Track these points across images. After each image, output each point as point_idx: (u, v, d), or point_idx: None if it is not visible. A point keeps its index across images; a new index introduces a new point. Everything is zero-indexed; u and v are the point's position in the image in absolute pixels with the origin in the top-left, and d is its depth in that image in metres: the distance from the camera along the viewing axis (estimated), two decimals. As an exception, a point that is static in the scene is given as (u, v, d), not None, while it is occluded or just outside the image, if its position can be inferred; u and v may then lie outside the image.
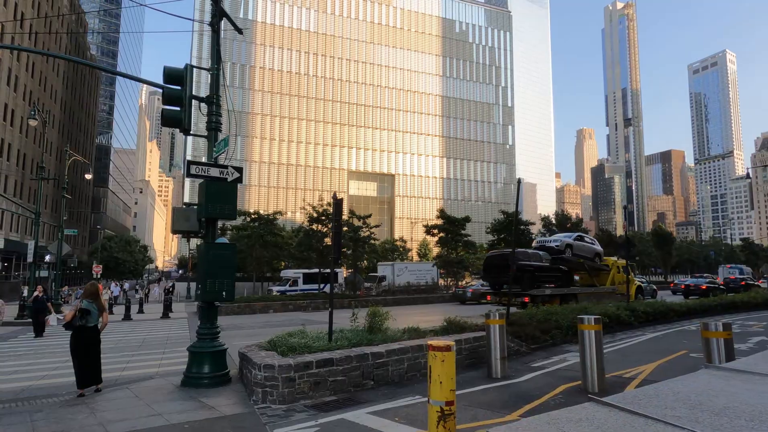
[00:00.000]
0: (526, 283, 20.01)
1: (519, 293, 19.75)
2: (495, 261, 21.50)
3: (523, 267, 19.95)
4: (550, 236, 28.27)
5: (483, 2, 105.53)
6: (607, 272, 25.18)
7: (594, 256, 24.60)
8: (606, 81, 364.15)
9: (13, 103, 53.60)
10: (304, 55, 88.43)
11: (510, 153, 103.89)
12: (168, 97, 8.79)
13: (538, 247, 23.54)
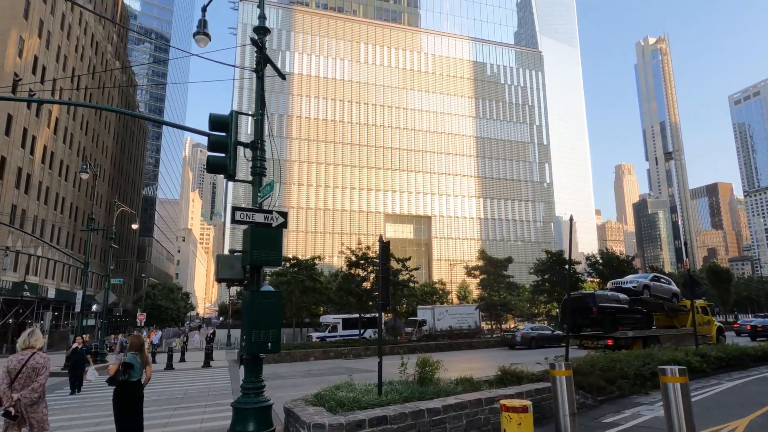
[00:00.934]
0: (608, 326, 19.61)
1: (601, 336, 19.38)
2: (575, 303, 20.98)
3: (604, 309, 19.46)
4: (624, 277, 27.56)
5: (513, 44, 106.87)
6: (686, 313, 24.12)
7: (671, 297, 23.95)
8: (642, 115, 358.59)
9: (68, 159, 56.69)
10: (339, 103, 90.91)
11: (548, 191, 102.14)
12: (213, 143, 8.77)
13: (614, 288, 23.00)
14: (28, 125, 46.11)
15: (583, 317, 19.70)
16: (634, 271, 50.86)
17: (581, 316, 19.97)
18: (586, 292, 24.70)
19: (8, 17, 42.90)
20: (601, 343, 19.27)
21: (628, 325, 20.61)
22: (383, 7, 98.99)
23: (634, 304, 21.64)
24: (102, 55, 69.85)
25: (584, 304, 20.08)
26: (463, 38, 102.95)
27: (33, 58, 47.25)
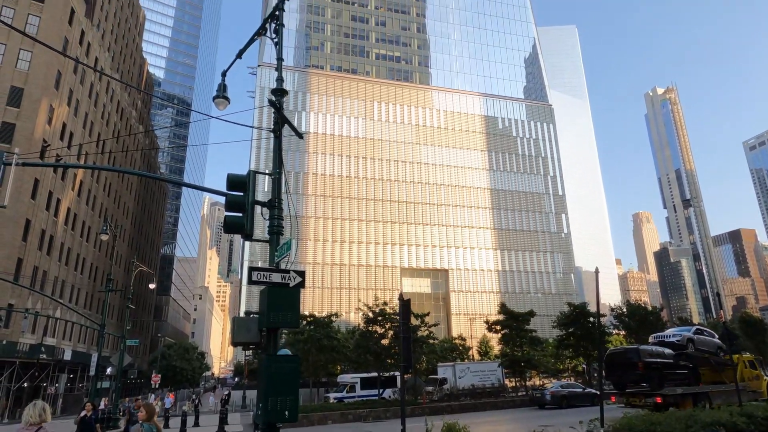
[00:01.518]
0: (655, 382, 18.72)
1: (650, 393, 18.49)
2: (617, 359, 20.34)
3: (650, 364, 18.59)
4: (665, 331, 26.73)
5: (523, 98, 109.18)
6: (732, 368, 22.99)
7: (717, 350, 23.05)
8: (657, 163, 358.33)
9: (90, 220, 57.91)
10: (354, 159, 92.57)
11: (566, 242, 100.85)
12: (231, 203, 8.75)
13: (657, 342, 22.27)
14: (53, 188, 47.49)
15: (628, 373, 18.95)
16: (661, 322, 48.90)
17: (625, 372, 19.24)
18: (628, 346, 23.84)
19: (41, 88, 45.22)
20: (649, 401, 18.36)
21: (675, 381, 19.70)
22: (395, 68, 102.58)
23: (679, 358, 20.79)
24: (126, 120, 72.84)
25: (628, 359, 19.35)
26: (473, 94, 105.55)
27: (61, 125, 49.34)
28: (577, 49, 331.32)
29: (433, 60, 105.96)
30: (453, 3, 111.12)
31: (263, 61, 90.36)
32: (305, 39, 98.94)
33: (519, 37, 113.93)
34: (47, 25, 47.39)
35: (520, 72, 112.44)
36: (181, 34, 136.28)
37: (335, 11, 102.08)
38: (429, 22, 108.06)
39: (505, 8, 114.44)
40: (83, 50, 54.59)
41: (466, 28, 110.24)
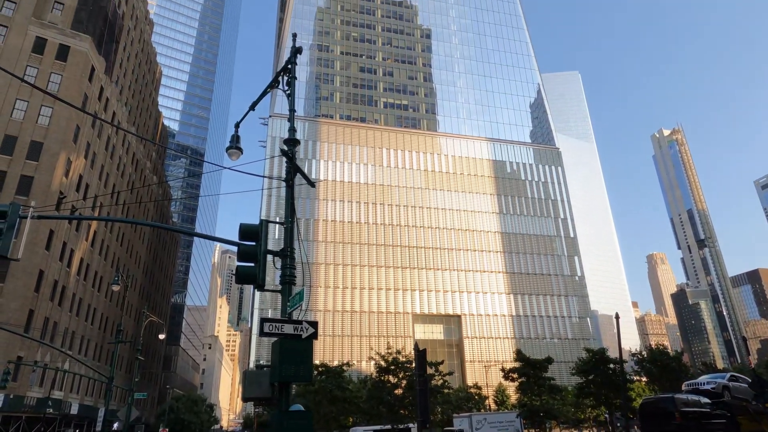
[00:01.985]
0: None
1: None
2: (651, 408, 19.69)
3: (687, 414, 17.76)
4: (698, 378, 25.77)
5: (531, 142, 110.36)
6: None
7: (753, 398, 22.02)
8: (668, 204, 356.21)
9: (102, 270, 58.18)
10: (364, 206, 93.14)
11: (580, 285, 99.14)
12: (243, 253, 8.69)
13: (690, 390, 21.56)
14: (68, 239, 48.01)
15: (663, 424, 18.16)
16: (684, 368, 47.13)
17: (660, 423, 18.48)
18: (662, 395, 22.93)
19: (60, 142, 46.57)
20: None
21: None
22: (403, 116, 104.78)
23: (716, 407, 19.99)
24: (141, 171, 74.41)
25: (663, 409, 18.66)
26: (480, 139, 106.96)
27: (78, 177, 50.45)
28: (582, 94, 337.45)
29: (440, 107, 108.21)
30: (458, 53, 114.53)
31: (274, 111, 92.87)
32: (315, 90, 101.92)
33: (524, 83, 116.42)
34: (69, 82, 49.32)
35: (527, 117, 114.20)
36: (195, 88, 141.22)
37: (344, 63, 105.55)
38: (435, 72, 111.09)
39: (508, 57, 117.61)
40: (102, 105, 56.52)
41: (472, 76, 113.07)
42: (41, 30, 49.95)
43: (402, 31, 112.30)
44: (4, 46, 47.80)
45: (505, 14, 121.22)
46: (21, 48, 48.21)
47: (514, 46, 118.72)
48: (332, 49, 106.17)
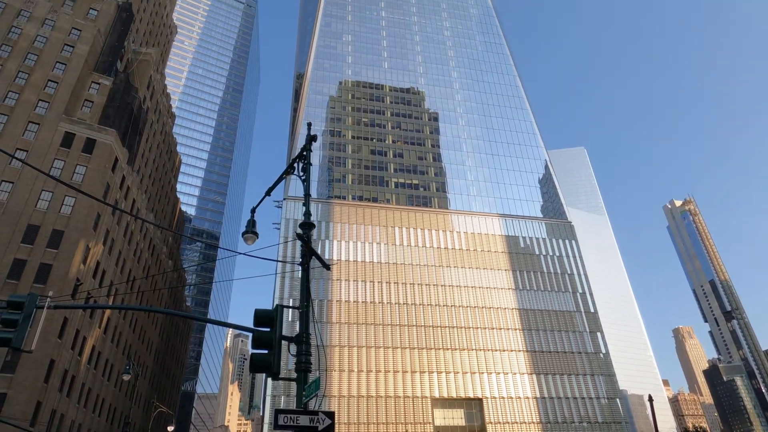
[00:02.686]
0: None
1: None
2: None
3: None
4: None
5: (542, 217, 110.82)
6: None
7: None
8: (688, 275, 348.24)
9: (114, 358, 57.20)
10: (378, 285, 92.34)
11: (605, 362, 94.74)
12: (257, 340, 8.50)
13: None
14: (80, 326, 47.73)
15: None
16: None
17: None
18: None
19: (80, 230, 47.75)
20: None
21: None
22: (414, 195, 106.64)
23: None
24: (157, 257, 75.34)
25: None
26: (492, 216, 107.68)
27: (95, 263, 51.14)
28: (589, 168, 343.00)
29: (450, 185, 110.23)
30: (465, 133, 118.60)
31: (288, 194, 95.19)
32: (328, 172, 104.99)
33: (531, 160, 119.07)
34: (92, 173, 51.49)
35: (536, 192, 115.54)
36: (212, 174, 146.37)
37: (355, 147, 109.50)
38: (444, 152, 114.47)
39: (514, 135, 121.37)
40: (122, 193, 58.50)
41: (480, 155, 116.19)
42: (70, 126, 53.01)
43: (410, 115, 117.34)
44: (35, 141, 50.59)
45: (509, 96, 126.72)
46: (50, 142, 50.96)
47: (519, 125, 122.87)
48: (344, 134, 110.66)
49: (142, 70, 71.15)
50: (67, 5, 63.33)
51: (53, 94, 54.38)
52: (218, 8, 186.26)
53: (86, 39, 60.31)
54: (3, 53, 54.98)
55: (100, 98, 58.23)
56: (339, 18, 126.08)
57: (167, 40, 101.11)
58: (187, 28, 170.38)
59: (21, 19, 58.26)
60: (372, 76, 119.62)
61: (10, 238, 44.72)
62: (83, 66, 58.22)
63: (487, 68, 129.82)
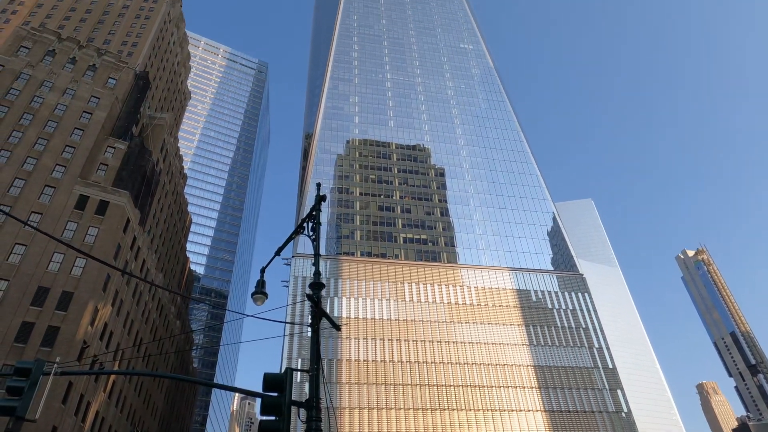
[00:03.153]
0: None
1: None
2: None
3: None
4: None
5: (553, 270, 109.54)
6: None
7: None
8: (707, 327, 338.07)
9: (117, 423, 55.52)
10: (388, 343, 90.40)
11: (628, 422, 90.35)
12: (267, 405, 8.25)
13: None
14: (85, 391, 46.72)
15: None
16: None
17: None
18: None
19: (89, 291, 47.76)
20: None
21: None
22: (423, 250, 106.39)
23: None
24: (165, 317, 74.74)
25: None
26: (502, 269, 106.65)
27: (103, 325, 50.75)
28: (597, 219, 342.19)
29: (458, 240, 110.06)
30: (472, 188, 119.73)
31: (297, 251, 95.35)
32: (336, 229, 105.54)
33: (539, 213, 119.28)
34: (104, 234, 52.13)
35: (546, 245, 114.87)
36: (222, 233, 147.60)
37: (363, 203, 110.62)
38: (451, 206, 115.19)
39: (521, 189, 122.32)
40: (133, 254, 58.90)
41: (487, 209, 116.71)
42: (85, 188, 54.26)
43: (417, 171, 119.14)
44: (50, 204, 51.67)
45: (513, 151, 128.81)
46: (65, 205, 52.00)
47: (525, 178, 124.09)
48: (352, 191, 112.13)
49: (157, 134, 73.58)
50: (88, 75, 66.52)
51: (70, 159, 56.09)
52: (231, 73, 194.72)
53: (104, 106, 62.89)
54: (25, 121, 57.29)
55: (114, 161, 59.94)
56: (346, 80, 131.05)
57: (181, 105, 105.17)
58: (200, 92, 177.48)
59: (44, 89, 61.11)
60: (378, 134, 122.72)
61: (19, 301, 44.76)
62: (100, 131, 60.37)
63: (490, 124, 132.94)
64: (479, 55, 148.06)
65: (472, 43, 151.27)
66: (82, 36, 79.41)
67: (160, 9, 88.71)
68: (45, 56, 65.19)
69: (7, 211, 47.36)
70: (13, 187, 51.80)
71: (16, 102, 58.07)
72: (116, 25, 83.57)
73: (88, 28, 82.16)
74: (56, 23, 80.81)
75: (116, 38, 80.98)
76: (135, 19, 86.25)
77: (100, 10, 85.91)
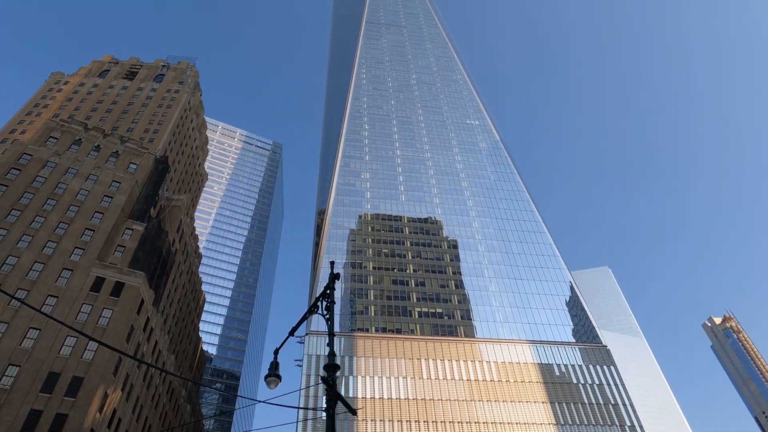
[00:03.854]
0: None
1: None
2: None
3: None
4: None
5: (575, 342, 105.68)
6: None
7: None
8: (745, 400, 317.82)
9: None
10: (406, 424, 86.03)
11: None
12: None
13: None
14: (89, 485, 44.49)
15: None
16: None
17: None
18: None
19: (100, 375, 46.86)
20: None
21: None
22: (438, 324, 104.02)
23: None
24: (175, 401, 72.49)
25: None
26: (522, 342, 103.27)
27: (112, 411, 49.25)
28: (616, 287, 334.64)
29: (475, 313, 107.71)
30: (486, 259, 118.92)
31: (311, 329, 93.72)
32: (350, 305, 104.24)
33: (555, 282, 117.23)
34: (118, 316, 51.99)
35: (565, 315, 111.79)
36: (235, 312, 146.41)
37: (377, 277, 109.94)
38: (466, 279, 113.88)
39: (535, 259, 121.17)
40: (146, 335, 58.31)
41: (502, 280, 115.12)
42: (101, 270, 54.89)
43: (430, 244, 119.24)
44: (66, 287, 52.11)
45: (525, 221, 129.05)
46: (81, 288, 52.40)
47: (539, 248, 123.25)
48: (365, 266, 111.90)
49: (174, 215, 75.38)
50: (111, 161, 69.54)
51: (89, 242, 57.28)
52: (246, 155, 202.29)
53: (124, 190, 65.13)
54: (48, 207, 59.29)
55: (132, 243, 61.02)
56: (357, 158, 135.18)
57: (198, 186, 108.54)
58: (217, 173, 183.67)
59: (68, 176, 63.75)
60: (390, 208, 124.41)
61: (29, 387, 43.92)
62: (119, 214, 62.07)
63: (501, 196, 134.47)
64: (485, 129, 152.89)
65: (478, 119, 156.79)
66: (108, 125, 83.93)
67: (181, 98, 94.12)
68: (72, 145, 68.63)
69: (22, 298, 47.75)
70: (32, 270, 52.59)
71: (42, 188, 60.42)
72: (139, 114, 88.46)
73: (114, 117, 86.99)
74: (84, 114, 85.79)
75: (139, 126, 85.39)
76: (157, 108, 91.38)
77: (125, 101, 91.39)
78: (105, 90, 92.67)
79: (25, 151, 63.23)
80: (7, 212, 56.12)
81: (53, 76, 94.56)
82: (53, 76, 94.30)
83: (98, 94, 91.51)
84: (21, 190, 58.88)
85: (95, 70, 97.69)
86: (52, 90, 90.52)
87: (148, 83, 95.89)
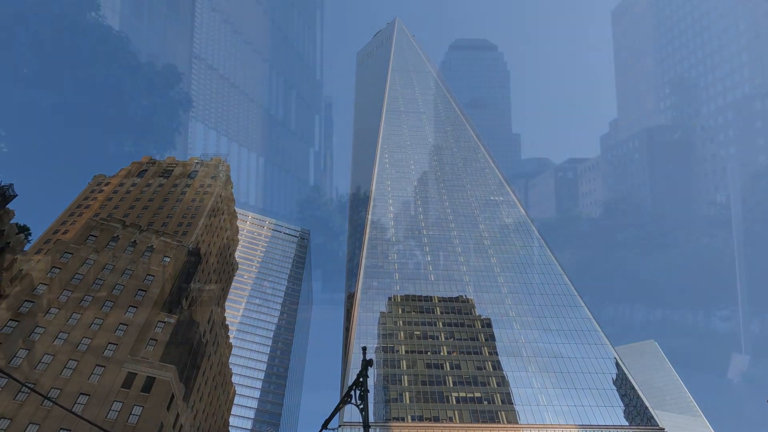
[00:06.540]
0: None
1: None
2: None
3: None
4: None
5: (628, 425, 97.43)
6: None
7: None
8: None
9: None
10: None
11: None
12: None
13: None
14: None
15: None
16: None
17: None
18: None
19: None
20: None
21: None
22: (478, 409, 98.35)
23: None
24: (204, 505, 68.62)
25: None
26: (570, 427, 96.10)
27: None
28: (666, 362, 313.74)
29: (516, 396, 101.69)
30: (522, 337, 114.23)
31: (344, 420, 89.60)
32: (384, 392, 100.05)
33: (599, 359, 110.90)
34: (148, 413, 50.98)
35: (614, 395, 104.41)
36: (266, 404, 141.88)
37: (410, 362, 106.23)
38: (503, 359, 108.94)
39: (574, 335, 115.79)
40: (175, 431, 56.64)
41: (542, 359, 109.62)
42: (133, 365, 54.72)
43: (463, 324, 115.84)
44: (98, 385, 51.88)
45: (560, 295, 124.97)
46: (112, 385, 52.07)
47: (577, 323, 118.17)
48: (397, 350, 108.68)
49: (205, 306, 75.93)
50: (146, 255, 71.68)
51: (122, 337, 57.72)
52: (275, 243, 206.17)
53: (158, 283, 66.49)
54: (85, 303, 60.66)
55: (164, 336, 61.17)
56: (384, 240, 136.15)
57: (229, 276, 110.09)
58: (246, 262, 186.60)
59: (105, 272, 65.71)
60: (420, 289, 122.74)
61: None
62: (152, 307, 62.88)
63: (531, 270, 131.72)
64: (510, 204, 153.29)
65: (502, 194, 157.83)
66: (144, 220, 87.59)
67: (213, 192, 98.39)
68: (110, 242, 71.43)
69: (54, 398, 47.61)
70: (66, 368, 52.79)
71: (79, 285, 62.18)
72: (174, 209, 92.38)
73: (150, 213, 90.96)
74: (122, 212, 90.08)
75: (173, 220, 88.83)
76: (191, 202, 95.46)
77: (161, 197, 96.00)
78: (143, 188, 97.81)
79: (66, 249, 65.97)
80: (46, 310, 57.52)
81: (95, 178, 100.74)
82: (95, 179, 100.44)
83: (136, 192, 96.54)
84: (60, 288, 60.69)
85: (134, 170, 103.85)
86: (94, 191, 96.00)
87: (182, 180, 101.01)
